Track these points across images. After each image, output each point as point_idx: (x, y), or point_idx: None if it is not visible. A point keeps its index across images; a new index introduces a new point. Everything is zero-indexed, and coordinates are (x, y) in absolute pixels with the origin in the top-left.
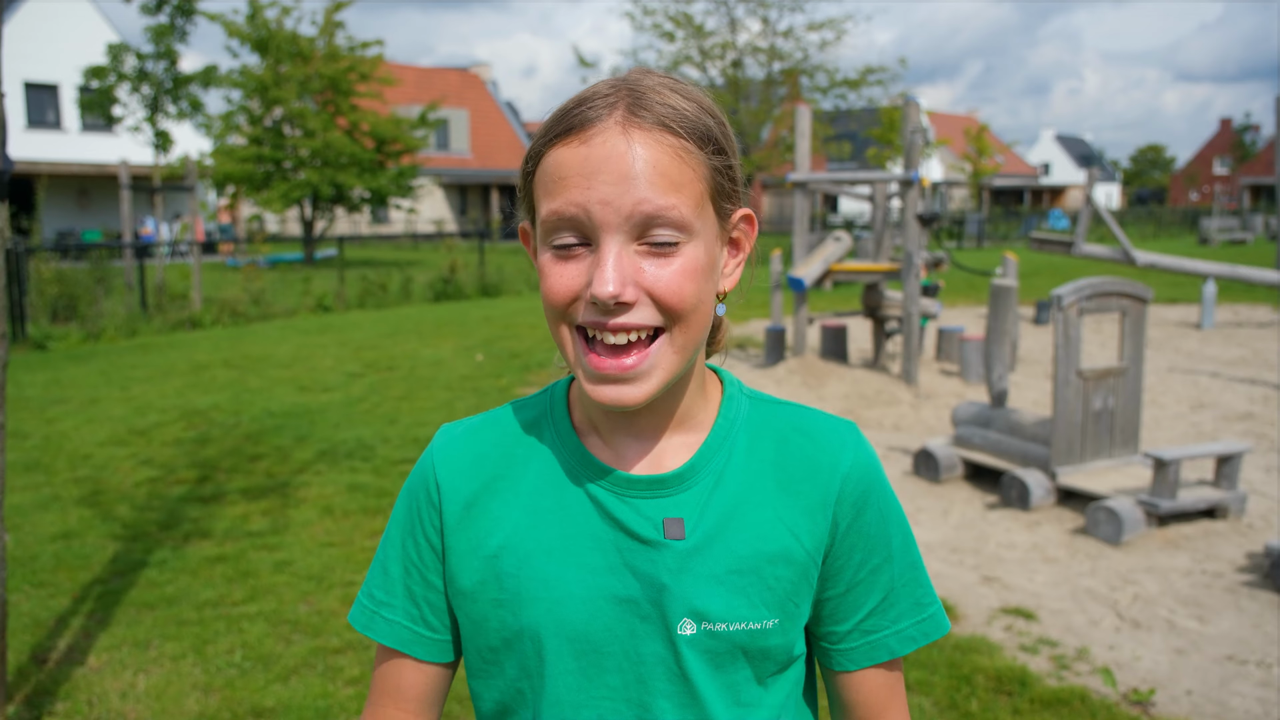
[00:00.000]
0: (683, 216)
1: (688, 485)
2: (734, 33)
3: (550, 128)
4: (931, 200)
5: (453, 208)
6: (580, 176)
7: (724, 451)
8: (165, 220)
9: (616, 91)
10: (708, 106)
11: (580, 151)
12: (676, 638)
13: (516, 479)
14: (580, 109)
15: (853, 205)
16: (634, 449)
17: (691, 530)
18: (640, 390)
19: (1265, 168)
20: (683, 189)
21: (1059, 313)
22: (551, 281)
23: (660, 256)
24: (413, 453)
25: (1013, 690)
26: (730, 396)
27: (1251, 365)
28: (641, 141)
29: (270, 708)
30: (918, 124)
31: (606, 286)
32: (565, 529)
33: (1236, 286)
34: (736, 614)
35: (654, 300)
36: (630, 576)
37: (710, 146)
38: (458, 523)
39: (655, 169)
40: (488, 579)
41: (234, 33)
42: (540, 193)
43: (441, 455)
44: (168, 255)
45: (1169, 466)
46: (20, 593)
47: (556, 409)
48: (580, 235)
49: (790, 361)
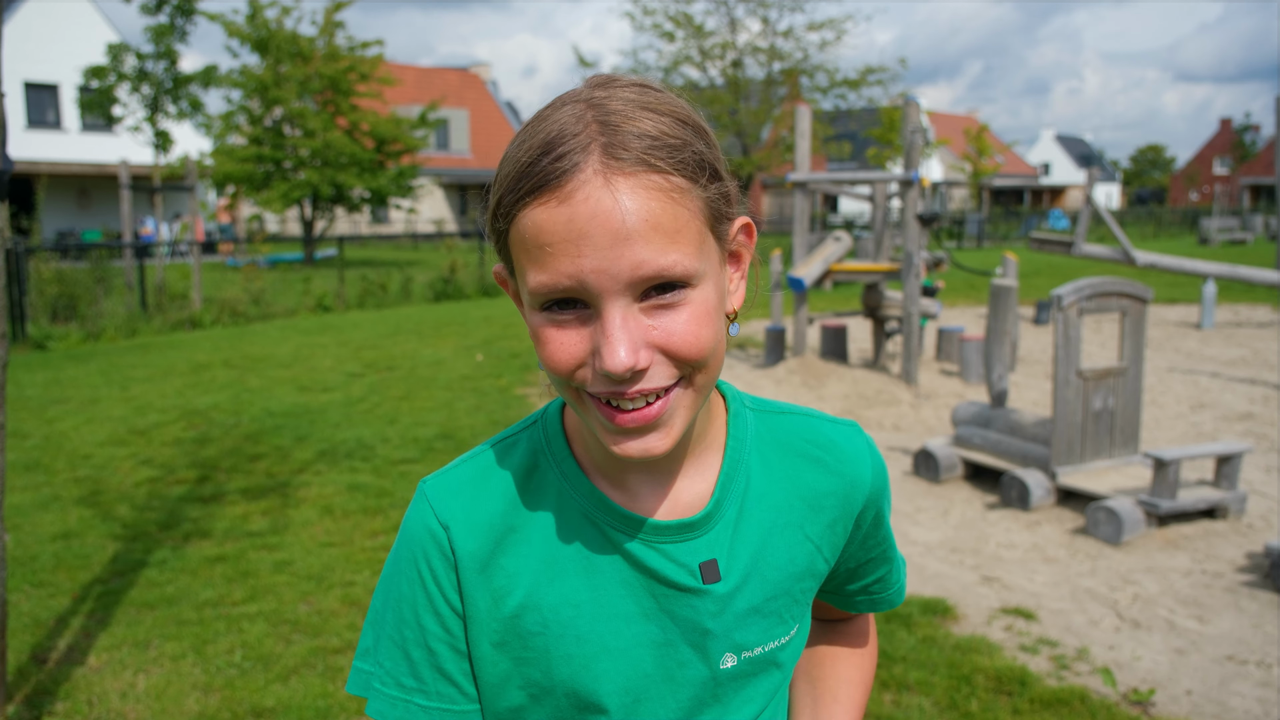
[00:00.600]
0: (686, 269)
1: (714, 522)
2: (734, 33)
3: (518, 182)
4: (931, 200)
5: (453, 208)
6: (567, 243)
7: (741, 476)
8: (165, 220)
9: (585, 127)
10: (686, 117)
11: (561, 213)
12: (719, 673)
13: (528, 529)
14: (549, 160)
15: (853, 205)
16: (648, 485)
17: (726, 570)
18: (665, 439)
19: (1265, 168)
20: (680, 234)
21: (1059, 313)
22: (552, 350)
23: (668, 309)
24: (413, 453)
25: (1013, 690)
26: (735, 413)
27: (1251, 365)
28: (629, 191)
29: (270, 708)
30: (918, 124)
31: (618, 360)
32: (592, 580)
33: (1236, 286)
34: (771, 635)
35: (670, 356)
36: (669, 621)
37: (703, 175)
38: (474, 586)
39: (648, 223)
40: (510, 640)
41: (234, 33)
42: (522, 258)
43: (450, 514)
44: (168, 255)
45: (1169, 466)
46: (20, 593)
47: (554, 445)
48: (576, 298)
49: (790, 361)
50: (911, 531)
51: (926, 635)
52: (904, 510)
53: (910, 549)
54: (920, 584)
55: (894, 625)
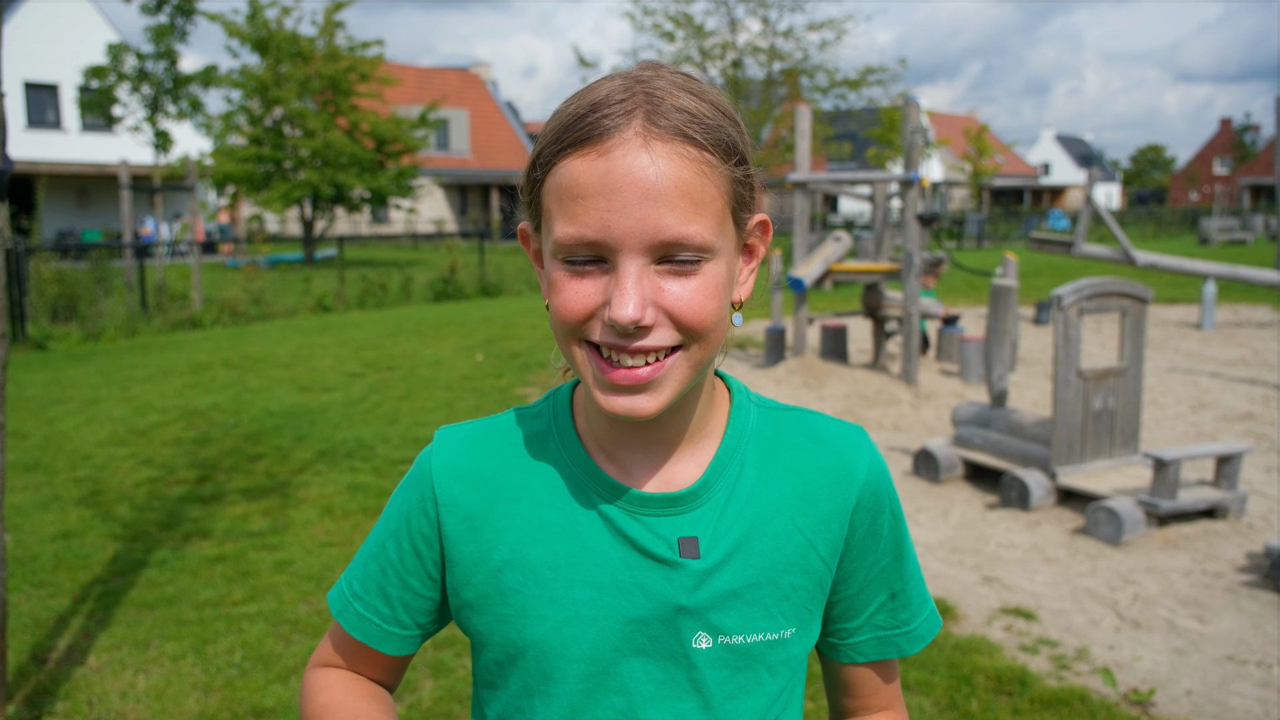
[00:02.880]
0: (705, 240)
1: (701, 501)
2: (734, 33)
3: (562, 134)
4: (931, 200)
5: (453, 208)
6: (600, 196)
7: (735, 464)
8: (165, 220)
9: (631, 95)
10: (724, 108)
11: (599, 166)
12: (691, 652)
13: (520, 490)
14: (596, 116)
15: (853, 205)
16: (642, 463)
17: (707, 549)
18: (654, 401)
19: (1265, 168)
20: (704, 207)
21: (1059, 313)
22: (566, 297)
23: (681, 275)
24: (413, 453)
25: (1013, 690)
26: (739, 405)
27: (1251, 365)
28: (664, 155)
29: (270, 708)
30: (918, 124)
31: (627, 310)
32: (572, 545)
33: (1236, 286)
34: (754, 625)
35: (674, 320)
36: (641, 596)
37: (733, 158)
38: (459, 535)
39: (678, 188)
40: (491, 593)
41: (234, 33)
42: (554, 206)
43: (440, 465)
44: (168, 255)
45: (1169, 466)
46: (20, 593)
47: (561, 418)
48: (596, 252)
49: (790, 361)
50: (912, 531)
51: None
52: (904, 510)
53: None
54: None
55: None
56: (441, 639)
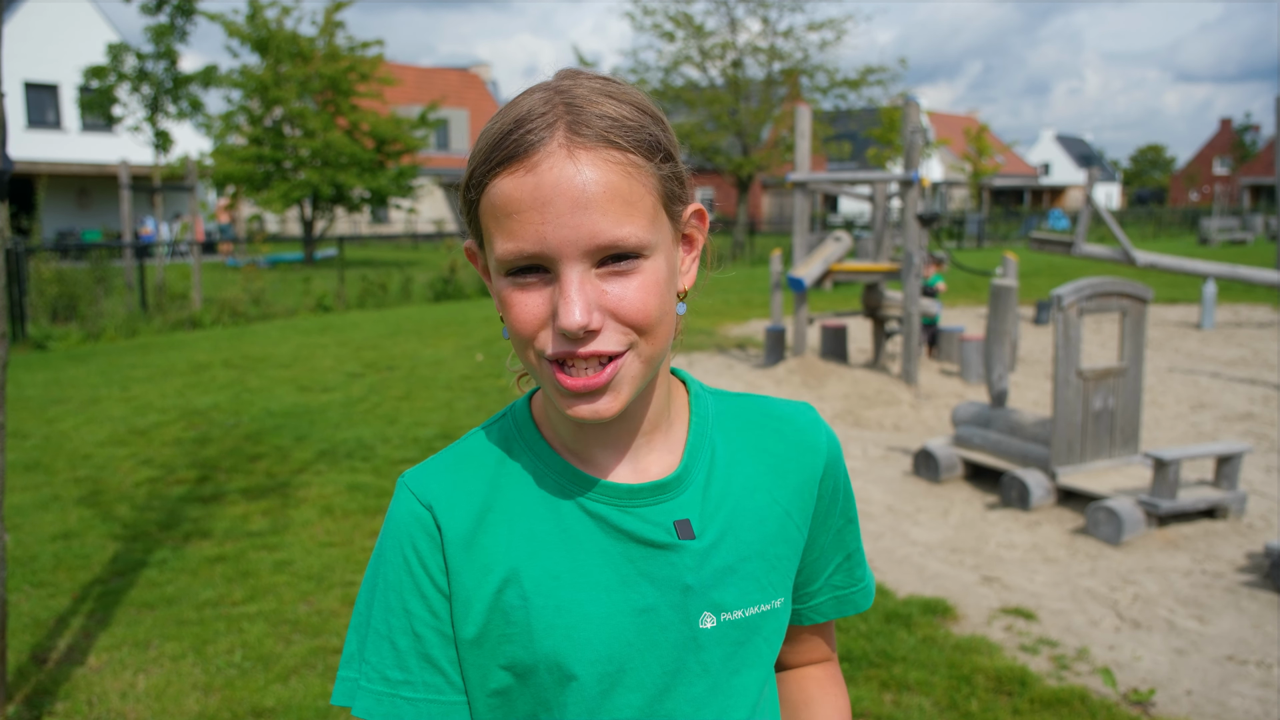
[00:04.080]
0: (640, 240)
1: (685, 486)
2: (734, 33)
3: (490, 154)
4: (931, 200)
5: (452, 208)
6: (532, 210)
7: (706, 448)
8: (165, 220)
9: (552, 107)
10: (645, 107)
11: (528, 181)
12: (699, 634)
13: (505, 509)
14: (520, 132)
15: (853, 205)
16: (613, 459)
17: (701, 529)
18: (615, 402)
19: (1265, 168)
20: (635, 207)
21: (1059, 313)
22: (517, 312)
23: (621, 276)
24: (413, 453)
25: (1013, 690)
26: (696, 394)
27: (1251, 365)
28: (589, 163)
29: (270, 708)
30: (918, 124)
31: (573, 318)
32: (569, 550)
33: (1236, 286)
34: (750, 599)
35: (620, 320)
36: (647, 585)
37: (658, 155)
38: (459, 565)
39: (607, 193)
40: (494, 619)
41: (234, 33)
42: (491, 225)
43: (432, 495)
44: (168, 255)
45: (1169, 467)
46: (20, 593)
47: (525, 430)
48: (537, 263)
49: (790, 361)
50: (912, 531)
51: (926, 635)
52: (904, 510)
53: (910, 549)
54: (920, 584)
55: (894, 625)
56: None
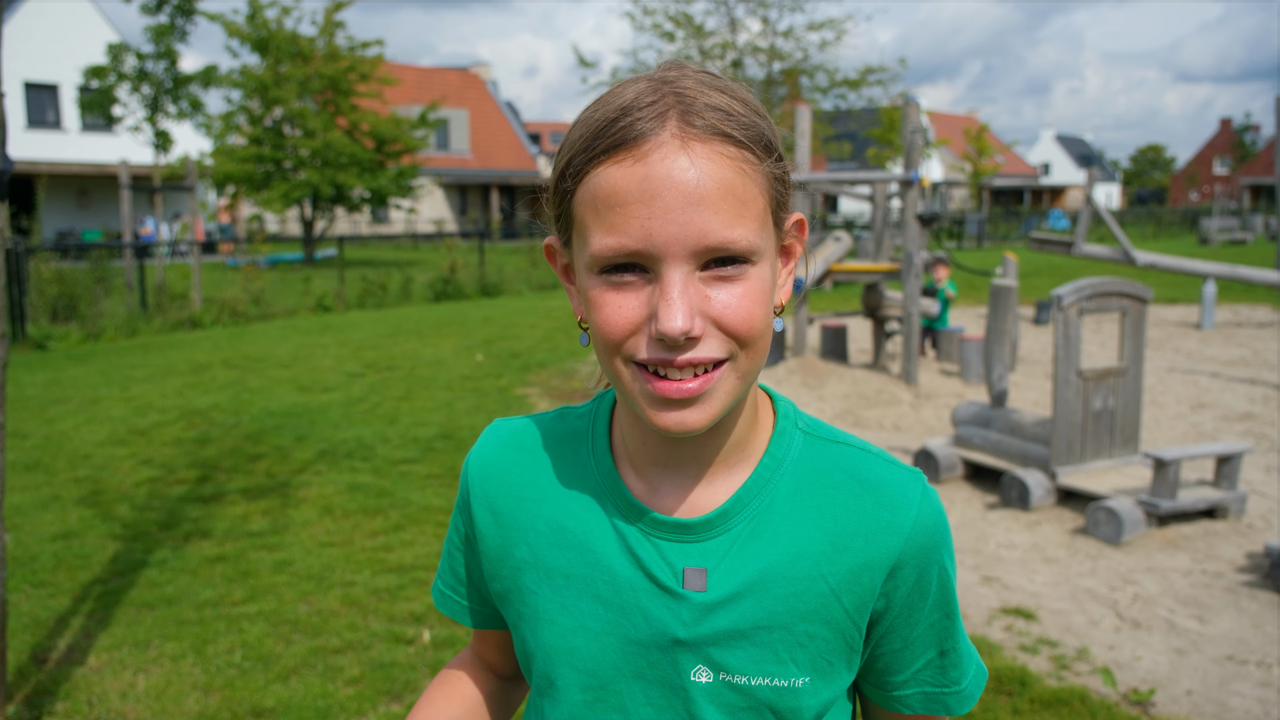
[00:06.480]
0: (750, 244)
1: (717, 532)
2: (734, 33)
3: (593, 141)
4: (931, 200)
5: (453, 208)
6: (639, 203)
7: (764, 496)
8: (165, 220)
9: (661, 97)
10: (754, 104)
11: (636, 172)
12: (689, 684)
13: (545, 492)
14: (628, 120)
15: (853, 205)
16: (669, 482)
17: (715, 583)
18: (703, 415)
19: (1265, 168)
20: (747, 207)
21: (1059, 313)
22: (608, 313)
23: (727, 281)
24: (413, 453)
25: (1013, 690)
26: (782, 431)
27: (1251, 365)
28: (705, 156)
29: (270, 708)
30: (918, 124)
31: (675, 322)
32: (585, 556)
33: (1236, 286)
34: (762, 669)
35: (722, 329)
36: (641, 620)
37: (771, 154)
38: (487, 529)
39: (721, 190)
40: (513, 589)
41: (234, 33)
42: (588, 217)
43: (477, 459)
44: (168, 255)
45: (1169, 466)
46: (20, 593)
47: (599, 424)
48: (637, 262)
49: (790, 361)
50: None
51: None
52: None
53: None
54: None
55: None
56: (441, 639)
